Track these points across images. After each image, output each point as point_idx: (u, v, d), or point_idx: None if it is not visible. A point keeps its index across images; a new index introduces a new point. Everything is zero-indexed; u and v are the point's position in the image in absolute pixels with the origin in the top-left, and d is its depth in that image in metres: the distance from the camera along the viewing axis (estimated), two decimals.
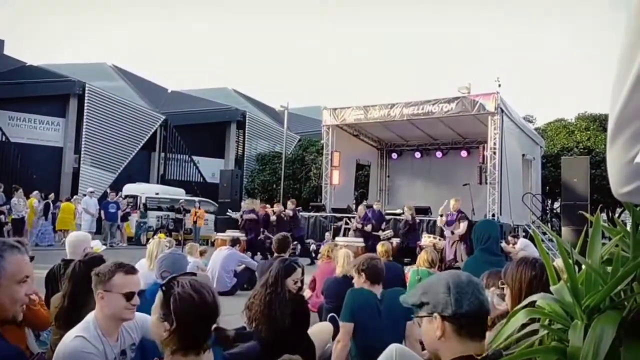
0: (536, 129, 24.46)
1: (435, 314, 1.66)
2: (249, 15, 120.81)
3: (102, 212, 16.78)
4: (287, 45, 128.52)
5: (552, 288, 1.35)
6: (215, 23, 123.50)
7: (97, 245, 5.85)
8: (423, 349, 3.70)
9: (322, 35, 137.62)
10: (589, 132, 24.01)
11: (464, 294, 1.63)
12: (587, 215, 1.40)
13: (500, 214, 14.20)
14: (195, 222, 18.58)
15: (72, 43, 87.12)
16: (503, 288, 2.43)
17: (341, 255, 5.61)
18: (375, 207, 13.75)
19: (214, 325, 1.97)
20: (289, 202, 14.40)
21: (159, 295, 1.94)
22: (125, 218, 17.88)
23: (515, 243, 10.64)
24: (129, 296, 2.49)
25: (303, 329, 4.28)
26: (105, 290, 2.46)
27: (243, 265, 8.66)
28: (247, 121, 30.51)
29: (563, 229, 12.99)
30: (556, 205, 23.22)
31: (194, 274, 2.11)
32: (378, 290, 4.01)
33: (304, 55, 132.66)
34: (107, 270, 2.50)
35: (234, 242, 8.87)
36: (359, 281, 4.12)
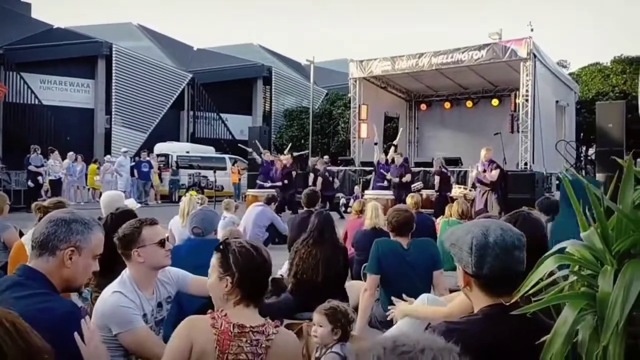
0: (570, 74, 23.69)
1: (460, 267, 1.68)
2: None
3: (135, 171, 17.11)
4: None
5: (582, 234, 1.34)
6: None
7: (132, 204, 5.99)
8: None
9: None
10: (625, 76, 23.14)
11: (486, 256, 1.58)
12: (619, 160, 1.36)
13: (533, 163, 13.98)
14: (239, 180, 19.12)
15: (97, 3, 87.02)
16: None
17: (369, 207, 5.63)
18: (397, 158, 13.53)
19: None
20: (319, 162, 14.30)
21: (216, 256, 2.04)
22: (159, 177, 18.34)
23: None
24: (162, 243, 2.61)
25: (340, 279, 4.39)
26: (139, 246, 2.54)
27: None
28: (273, 77, 30.31)
29: (598, 175, 12.72)
30: (591, 152, 22.69)
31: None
32: (405, 241, 4.03)
33: (329, 7, 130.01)
34: (133, 229, 2.59)
35: (269, 200, 8.82)
36: (392, 233, 4.14)
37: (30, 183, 14.43)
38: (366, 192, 12.50)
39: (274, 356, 1.88)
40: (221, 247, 2.04)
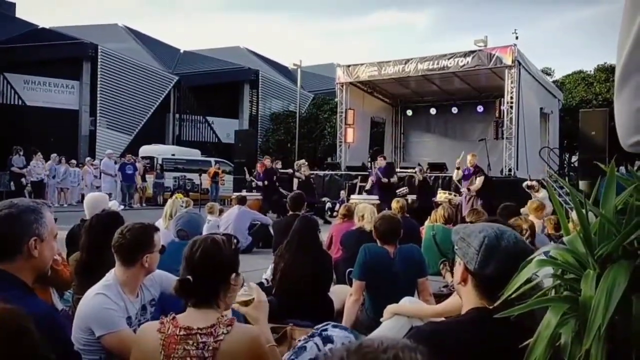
0: (554, 82, 23.96)
1: (461, 262, 1.69)
2: None
3: (120, 173, 16.97)
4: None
5: (565, 239, 1.35)
6: None
7: (114, 206, 5.94)
8: (437, 302, 3.75)
9: None
10: (608, 84, 23.45)
11: (492, 257, 1.60)
12: (602, 166, 1.37)
13: (517, 169, 14.09)
14: (216, 182, 18.82)
15: (83, 4, 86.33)
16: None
17: (361, 209, 5.63)
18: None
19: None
20: (303, 167, 14.28)
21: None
22: (144, 179, 18.18)
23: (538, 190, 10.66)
24: (162, 251, 2.67)
25: (324, 285, 4.38)
26: (150, 252, 2.57)
27: (258, 223, 8.73)
28: (260, 80, 30.29)
29: (580, 182, 12.87)
30: (574, 159, 22.96)
31: (218, 234, 2.16)
32: (391, 248, 4.02)
33: (317, 12, 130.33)
34: (150, 232, 2.61)
35: (241, 201, 8.89)
36: (379, 240, 4.13)
37: (12, 185, 14.25)
38: (352, 196, 12.50)
39: (222, 358, 1.82)
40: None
